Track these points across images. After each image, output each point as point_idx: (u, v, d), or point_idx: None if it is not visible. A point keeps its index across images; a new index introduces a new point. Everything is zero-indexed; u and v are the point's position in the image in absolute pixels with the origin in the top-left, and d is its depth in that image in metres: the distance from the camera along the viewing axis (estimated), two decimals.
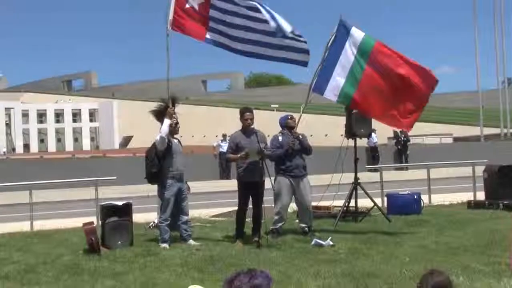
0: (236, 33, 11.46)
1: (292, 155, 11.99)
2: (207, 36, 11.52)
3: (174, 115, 11.35)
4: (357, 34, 11.51)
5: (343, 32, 11.58)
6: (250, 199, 11.56)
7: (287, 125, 12.18)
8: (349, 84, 11.53)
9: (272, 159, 11.92)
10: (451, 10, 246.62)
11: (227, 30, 11.47)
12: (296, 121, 12.27)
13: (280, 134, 12.23)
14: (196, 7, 11.44)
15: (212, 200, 19.59)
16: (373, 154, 33.46)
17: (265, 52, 11.59)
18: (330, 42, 11.67)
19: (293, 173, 12.00)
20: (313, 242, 10.98)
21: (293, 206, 12.73)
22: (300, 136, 12.04)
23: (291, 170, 12.00)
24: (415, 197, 14.84)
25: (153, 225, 13.12)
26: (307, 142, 12.24)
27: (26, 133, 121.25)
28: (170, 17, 11.49)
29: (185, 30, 11.64)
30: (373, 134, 26.27)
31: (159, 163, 11.25)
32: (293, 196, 12.14)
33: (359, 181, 13.71)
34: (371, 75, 11.40)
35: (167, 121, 11.16)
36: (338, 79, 11.55)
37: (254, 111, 12.06)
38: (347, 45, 11.50)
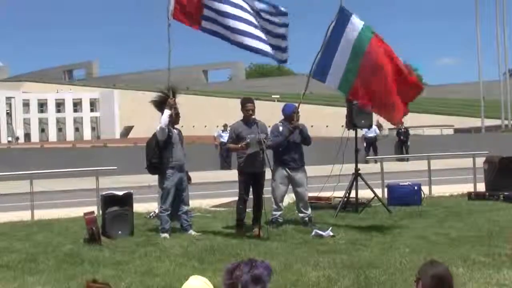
0: (229, 23, 11.37)
1: (289, 148, 12.01)
2: (202, 24, 11.46)
3: (174, 106, 11.35)
4: (357, 22, 11.44)
5: (343, 19, 11.50)
6: (251, 189, 11.57)
7: (290, 118, 12.11)
8: (349, 72, 11.47)
9: (273, 148, 11.93)
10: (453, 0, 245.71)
11: (219, 19, 11.39)
12: (297, 107, 12.22)
13: (281, 124, 12.23)
14: None
15: (212, 190, 19.61)
16: (371, 146, 33.45)
17: (255, 44, 11.47)
18: (331, 28, 11.62)
19: (289, 165, 12.06)
20: (313, 233, 11.01)
21: (293, 197, 12.75)
22: (300, 126, 12.06)
23: (288, 163, 12.05)
24: (416, 188, 14.84)
25: (154, 215, 13.15)
26: (307, 132, 12.26)
27: (26, 123, 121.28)
28: (171, 7, 11.45)
29: (186, 19, 11.60)
30: (374, 125, 26.24)
31: (159, 153, 11.27)
32: (291, 186, 12.20)
33: (359, 172, 13.73)
34: (369, 64, 11.33)
35: (167, 112, 11.16)
36: (339, 67, 11.49)
37: (255, 102, 12.04)
38: (346, 32, 11.41)
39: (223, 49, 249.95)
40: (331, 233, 10.90)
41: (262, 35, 11.27)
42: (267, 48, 11.32)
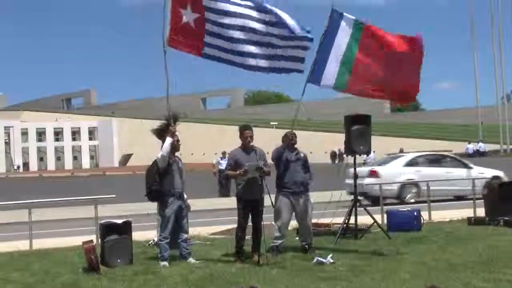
0: (231, 46, 11.45)
1: (291, 172, 12.00)
2: (204, 51, 11.53)
3: (175, 133, 11.36)
4: (348, 19, 11.74)
5: (335, 19, 11.81)
6: (250, 216, 11.53)
7: (289, 144, 12.15)
8: (343, 69, 11.75)
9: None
10: (451, 25, 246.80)
11: (221, 43, 11.46)
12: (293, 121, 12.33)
13: (283, 148, 12.16)
14: (192, 22, 11.45)
15: (211, 218, 19.56)
16: None
17: (262, 64, 11.54)
18: (324, 32, 11.85)
19: (291, 189, 11.99)
20: (315, 260, 10.95)
21: (293, 223, 12.71)
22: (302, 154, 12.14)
23: (289, 187, 11.99)
24: (415, 213, 14.81)
25: (153, 243, 13.10)
26: (309, 165, 12.30)
27: (25, 152, 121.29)
28: (167, 34, 11.49)
29: (182, 46, 11.65)
30: (372, 153, 26.30)
31: (159, 181, 11.24)
32: (294, 212, 12.14)
33: (358, 197, 13.69)
34: (363, 57, 11.60)
35: (169, 140, 11.16)
36: (333, 66, 11.78)
37: (254, 129, 12.05)
38: (340, 31, 11.74)
39: (221, 76, 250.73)
40: (332, 260, 10.85)
41: (271, 52, 11.34)
42: (276, 64, 11.41)
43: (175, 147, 11.39)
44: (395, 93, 12.07)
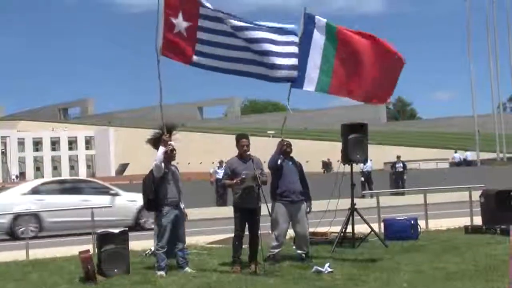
0: (225, 53, 11.49)
1: (288, 180, 11.99)
2: (194, 59, 11.57)
3: (169, 142, 11.35)
4: (321, 22, 11.97)
5: (309, 23, 12.05)
6: (247, 225, 11.52)
7: (284, 152, 12.16)
8: (324, 72, 12.01)
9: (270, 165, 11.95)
10: (448, 34, 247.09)
11: (214, 51, 11.50)
12: (283, 124, 12.42)
13: (277, 155, 12.16)
14: (184, 31, 11.49)
15: (208, 227, 19.54)
16: (367, 180, 33.85)
17: (254, 70, 11.64)
18: (300, 36, 12.02)
19: (289, 198, 11.97)
20: (313, 269, 10.93)
21: (290, 232, 12.70)
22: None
23: (287, 195, 11.97)
24: (412, 222, 14.81)
25: (150, 252, 13.08)
26: (304, 175, 12.31)
27: (22, 161, 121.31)
28: (160, 43, 11.52)
29: (175, 55, 11.69)
30: (369, 161, 26.37)
31: (156, 190, 11.23)
32: (291, 221, 12.12)
33: (355, 206, 13.69)
34: (342, 59, 11.83)
35: (162, 149, 11.17)
36: (313, 70, 12.02)
37: (250, 138, 12.05)
38: (314, 35, 12.03)
39: (218, 85, 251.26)
40: (329, 269, 10.83)
41: (264, 59, 11.40)
42: (270, 73, 11.47)
43: (170, 156, 11.39)
44: (371, 93, 12.27)
